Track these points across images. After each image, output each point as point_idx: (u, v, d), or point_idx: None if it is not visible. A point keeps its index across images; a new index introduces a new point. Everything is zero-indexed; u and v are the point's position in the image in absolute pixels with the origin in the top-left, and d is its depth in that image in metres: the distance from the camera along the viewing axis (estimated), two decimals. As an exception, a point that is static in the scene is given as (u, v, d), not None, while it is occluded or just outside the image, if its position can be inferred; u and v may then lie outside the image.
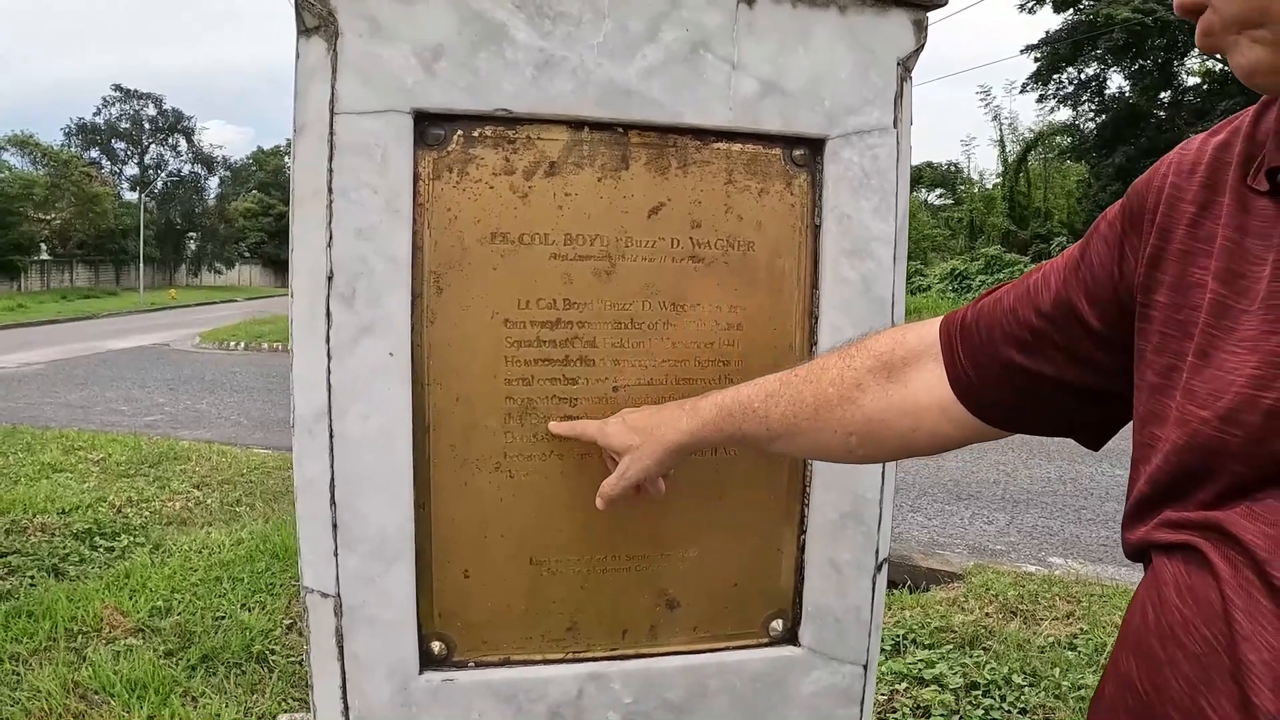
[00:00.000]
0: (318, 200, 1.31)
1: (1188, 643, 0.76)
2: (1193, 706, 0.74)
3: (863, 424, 1.13)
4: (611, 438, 1.35)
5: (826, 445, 1.18)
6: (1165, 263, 0.86)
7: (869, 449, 1.16)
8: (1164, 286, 0.85)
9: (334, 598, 1.36)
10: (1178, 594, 0.78)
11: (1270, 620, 0.69)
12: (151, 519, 5.41)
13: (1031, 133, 29.35)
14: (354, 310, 1.32)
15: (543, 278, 1.38)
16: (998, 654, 3.67)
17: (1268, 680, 0.68)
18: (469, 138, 1.35)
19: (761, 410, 1.20)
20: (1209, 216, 0.83)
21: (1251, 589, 0.71)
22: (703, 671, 1.52)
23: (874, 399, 1.12)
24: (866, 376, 1.13)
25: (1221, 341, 0.77)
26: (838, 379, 1.15)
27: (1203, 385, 0.77)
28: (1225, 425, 0.74)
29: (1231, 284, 0.78)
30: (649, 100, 1.38)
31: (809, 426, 1.17)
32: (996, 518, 6.62)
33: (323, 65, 1.30)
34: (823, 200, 1.46)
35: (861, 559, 1.55)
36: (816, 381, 1.17)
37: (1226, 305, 0.78)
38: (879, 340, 1.16)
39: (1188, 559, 0.78)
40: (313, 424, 1.33)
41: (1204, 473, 0.77)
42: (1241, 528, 0.73)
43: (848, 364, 1.15)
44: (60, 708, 3.13)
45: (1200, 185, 0.85)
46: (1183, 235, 0.85)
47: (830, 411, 1.15)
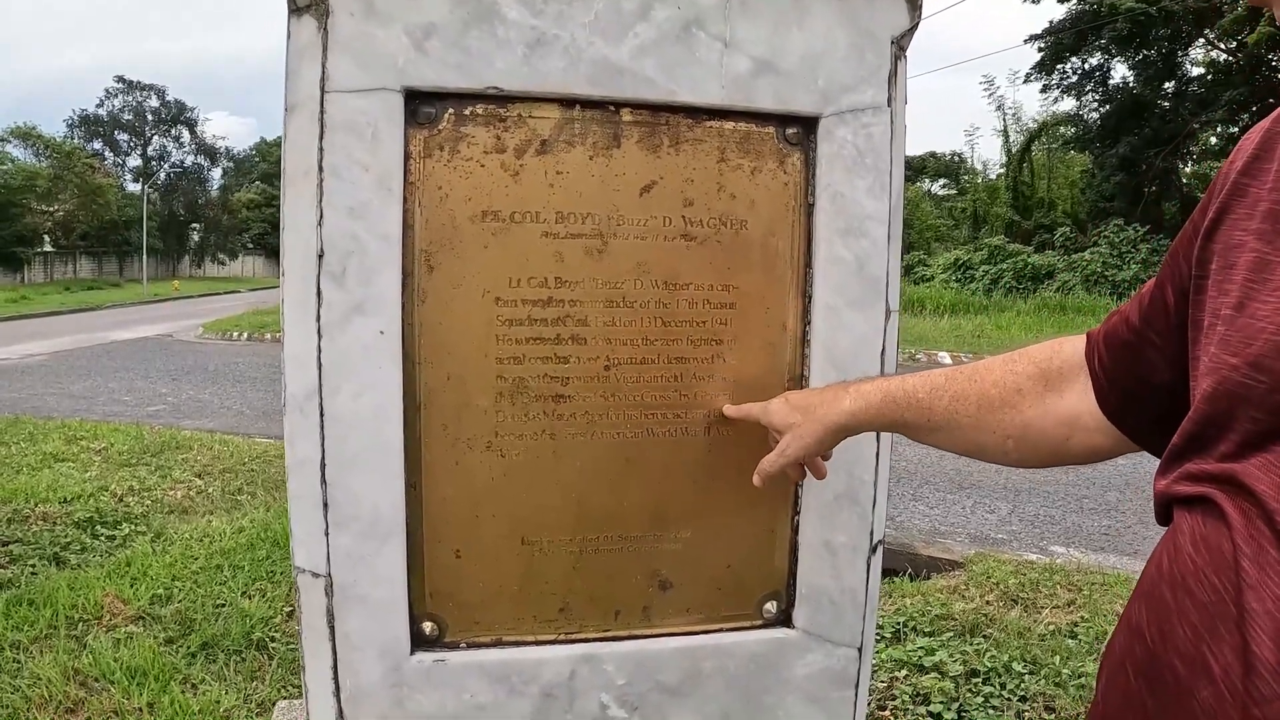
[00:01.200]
0: (309, 179, 1.31)
1: (1197, 591, 0.76)
2: (1195, 654, 0.74)
3: (1021, 429, 1.15)
4: (774, 415, 1.36)
5: (983, 444, 1.19)
6: (1218, 232, 0.87)
7: (1024, 453, 1.17)
8: (1216, 255, 0.86)
9: (325, 577, 1.36)
10: (1192, 544, 0.78)
11: (1277, 570, 0.69)
12: (153, 508, 5.41)
13: (1035, 123, 29.23)
14: (345, 289, 1.32)
15: (534, 256, 1.38)
16: (998, 642, 3.67)
17: (1268, 629, 0.68)
18: (460, 116, 1.35)
19: (926, 401, 1.21)
20: (1256, 183, 0.84)
21: (1262, 539, 0.71)
22: (696, 653, 1.51)
23: (1033, 406, 1.14)
24: (1027, 383, 1.15)
25: (1257, 292, 0.78)
26: (1000, 381, 1.17)
27: (1235, 334, 0.78)
28: (1253, 371, 0.74)
29: (1272, 241, 0.78)
30: (641, 78, 1.37)
31: (969, 424, 1.18)
32: (999, 506, 6.61)
33: (314, 44, 1.29)
34: (816, 179, 1.45)
35: (856, 540, 1.55)
36: (980, 381, 1.19)
37: (1266, 260, 0.78)
38: (1040, 349, 1.18)
39: (1205, 510, 0.78)
40: (304, 403, 1.33)
41: (1226, 421, 0.78)
42: (1256, 478, 0.73)
43: (1010, 368, 1.17)
44: (60, 695, 3.13)
45: (1251, 156, 0.86)
46: (1235, 205, 0.86)
47: (992, 413, 1.17)
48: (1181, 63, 23.53)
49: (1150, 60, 23.23)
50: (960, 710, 3.18)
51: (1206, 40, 21.94)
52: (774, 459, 1.35)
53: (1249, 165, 0.86)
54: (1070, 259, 22.27)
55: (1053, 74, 25.61)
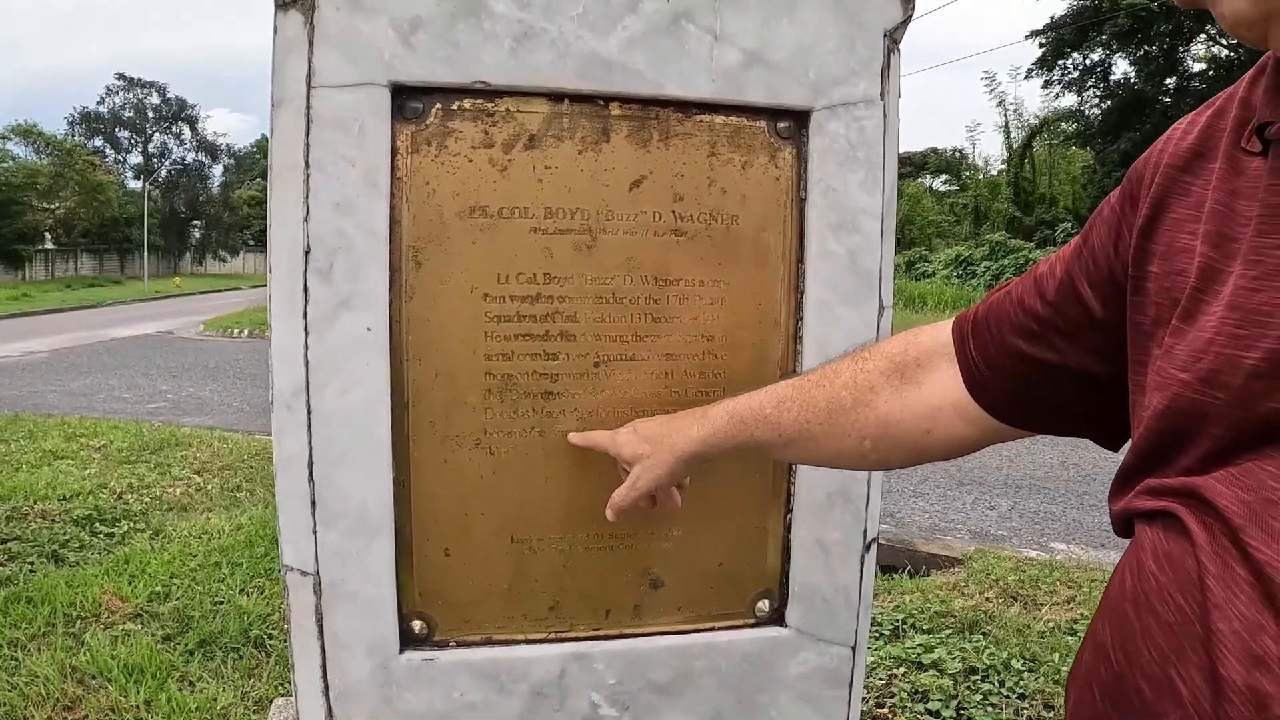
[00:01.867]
0: (295, 174, 1.30)
1: (1161, 610, 0.73)
2: (1162, 676, 0.71)
3: (877, 426, 1.11)
4: (622, 447, 1.33)
5: (840, 449, 1.16)
6: (1157, 232, 0.84)
7: (883, 452, 1.14)
8: (1155, 256, 0.83)
9: (313, 575, 1.35)
10: (1155, 561, 0.76)
11: (1243, 589, 0.67)
12: (152, 505, 5.41)
13: (1036, 119, 29.25)
14: (332, 285, 1.31)
15: (523, 252, 1.37)
16: (997, 639, 3.66)
17: (1236, 650, 0.66)
18: (447, 110, 1.33)
19: (774, 416, 1.18)
20: (1199, 183, 0.81)
21: (1227, 556, 0.69)
22: (688, 652, 1.50)
23: (887, 400, 1.11)
24: (879, 379, 1.12)
25: (1206, 303, 0.75)
26: (850, 382, 1.13)
27: (1184, 347, 0.75)
28: (1206, 387, 0.72)
29: (1221, 247, 0.76)
30: (630, 72, 1.36)
31: (822, 431, 1.15)
32: (999, 503, 6.60)
33: (299, 39, 1.28)
34: (808, 173, 1.44)
35: (849, 539, 1.54)
36: (829, 385, 1.15)
37: (1215, 268, 0.75)
38: (892, 343, 1.15)
39: (1167, 526, 0.76)
40: (291, 399, 1.32)
41: (1184, 437, 0.75)
42: (1218, 493, 0.71)
43: (860, 366, 1.14)
44: (58, 692, 3.13)
45: (1192, 153, 0.83)
46: (1175, 204, 0.83)
47: (844, 414, 1.13)
48: (1183, 58, 23.53)
49: (1152, 56, 23.23)
50: (959, 708, 3.18)
51: (1208, 36, 21.92)
52: (625, 493, 1.32)
53: (1189, 162, 0.83)
54: (1072, 254, 22.21)
55: (1054, 70, 25.61)
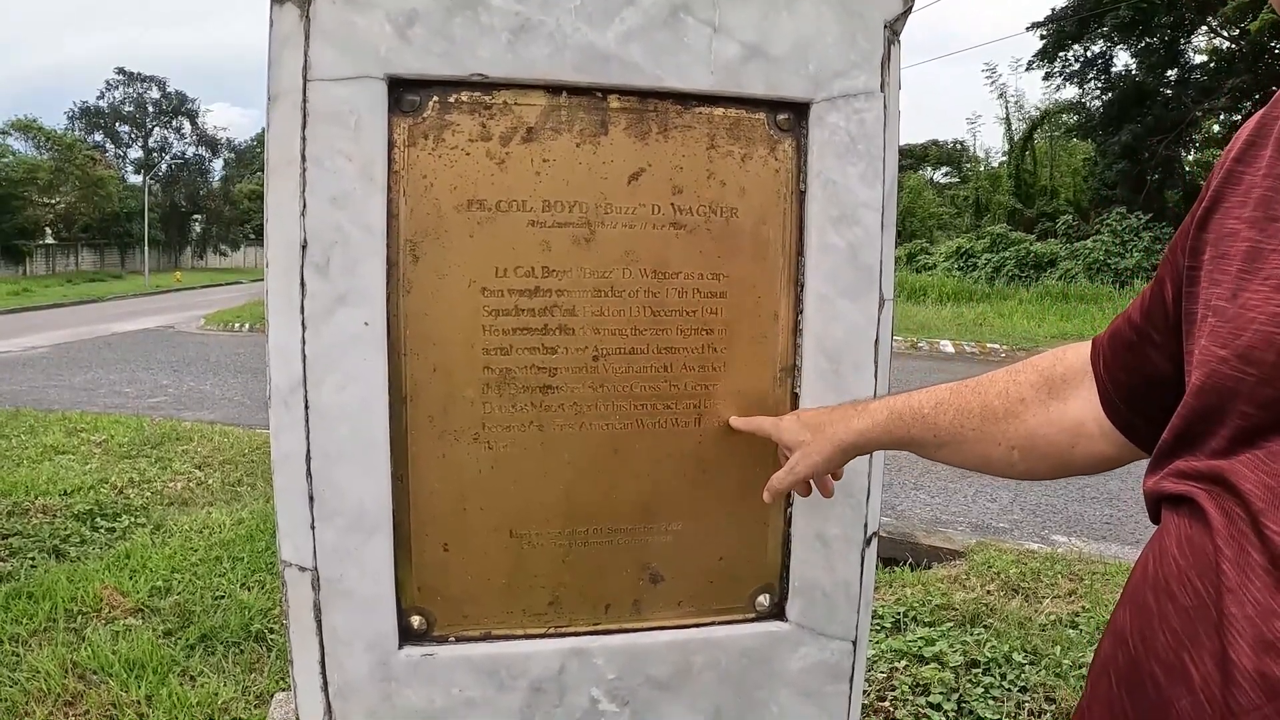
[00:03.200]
0: (291, 169, 1.29)
1: (1179, 595, 0.73)
2: (1176, 661, 0.72)
3: (1025, 438, 1.14)
4: (784, 433, 1.36)
5: (989, 456, 1.18)
6: (1211, 222, 0.85)
7: (1030, 463, 1.16)
8: (1209, 244, 0.84)
9: (311, 571, 1.34)
10: (1177, 545, 0.76)
11: (1258, 573, 0.67)
12: (153, 499, 5.41)
13: (1037, 111, 29.15)
14: (329, 279, 1.30)
15: (521, 245, 1.36)
16: (999, 632, 3.65)
17: (1248, 635, 0.66)
18: (445, 104, 1.33)
19: (931, 417, 1.21)
20: (1250, 170, 0.82)
21: (1244, 541, 0.69)
22: (688, 647, 1.50)
23: (1036, 414, 1.13)
24: (1030, 392, 1.14)
25: (1249, 282, 0.75)
26: (1003, 392, 1.16)
27: (1225, 325, 0.76)
28: (1242, 364, 0.72)
29: (1265, 229, 0.76)
30: (628, 64, 1.35)
31: (974, 436, 1.17)
32: (1000, 495, 6.59)
33: (296, 32, 1.27)
34: (808, 166, 1.43)
35: (850, 533, 1.53)
36: (984, 393, 1.18)
37: (1259, 249, 0.76)
38: (1043, 358, 1.17)
39: (1192, 510, 0.76)
40: (288, 395, 1.32)
41: (1217, 416, 0.75)
42: (1242, 476, 0.71)
43: (1014, 378, 1.16)
44: (59, 688, 3.12)
45: (1247, 144, 0.84)
46: (1228, 193, 0.84)
47: (995, 424, 1.16)
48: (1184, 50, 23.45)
49: (1153, 48, 23.15)
50: (960, 701, 3.17)
51: (1209, 28, 21.86)
52: (783, 476, 1.35)
53: (1243, 152, 0.84)
54: (1073, 247, 22.21)
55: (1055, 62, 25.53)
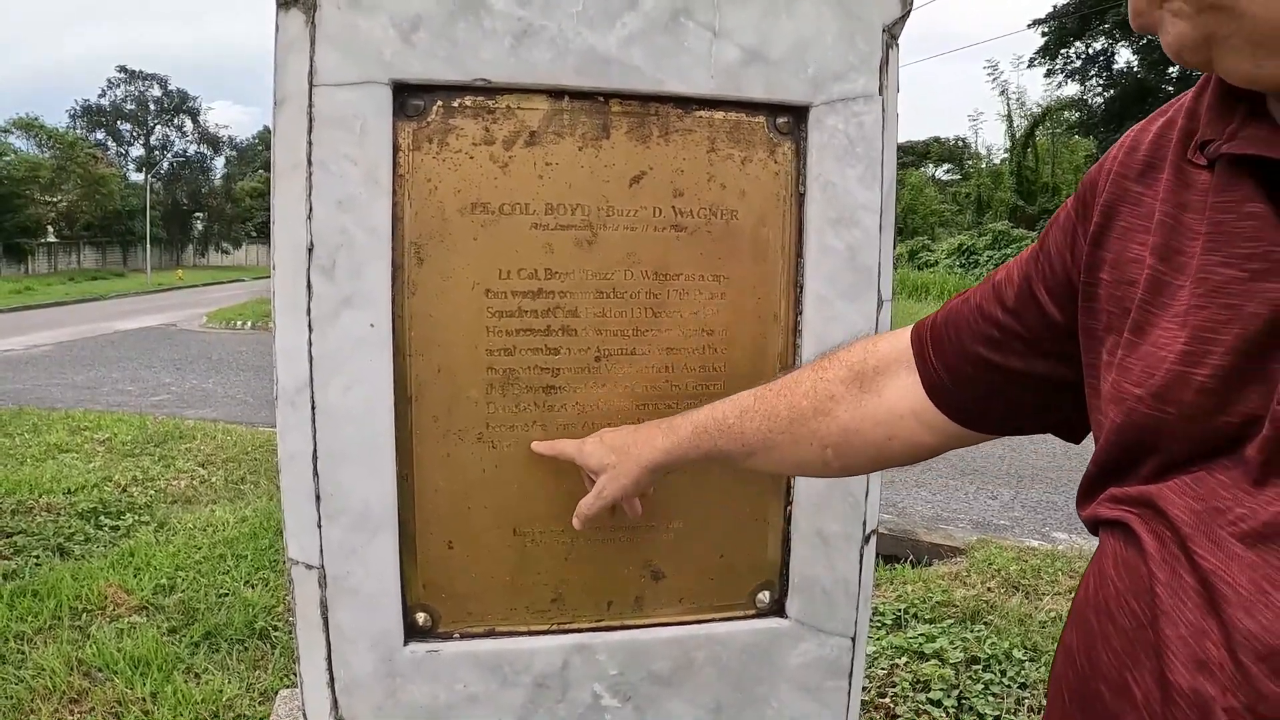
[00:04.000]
0: (297, 173, 1.31)
1: (1118, 616, 0.76)
2: (1119, 680, 0.74)
3: (838, 435, 1.13)
4: (589, 457, 1.35)
5: (802, 458, 1.17)
6: (1108, 240, 0.85)
7: (845, 460, 1.15)
8: (1106, 264, 0.85)
9: (318, 569, 1.36)
10: (1114, 568, 0.78)
11: (1190, 595, 0.69)
12: (156, 498, 5.43)
13: (1039, 108, 29.14)
14: (334, 282, 1.32)
15: (524, 248, 1.38)
16: (999, 629, 3.67)
17: (1183, 656, 0.68)
18: (448, 108, 1.34)
19: (737, 426, 1.20)
20: (1149, 193, 0.82)
21: (1176, 564, 0.71)
22: (689, 643, 1.52)
23: (848, 409, 1.12)
24: (839, 387, 1.13)
25: (1156, 317, 0.77)
26: (810, 391, 1.15)
27: (1137, 363, 0.77)
28: (1159, 403, 0.74)
29: (1169, 260, 0.77)
30: (629, 68, 1.37)
31: (784, 440, 1.16)
32: (1001, 493, 6.61)
33: (301, 38, 1.29)
34: (807, 168, 1.45)
35: (849, 530, 1.55)
36: (790, 394, 1.16)
37: (1163, 281, 0.77)
38: (851, 351, 1.16)
39: (1125, 534, 0.78)
40: (295, 396, 1.33)
41: (1142, 450, 0.77)
42: (1170, 502, 0.73)
43: (820, 375, 1.15)
44: (64, 685, 3.15)
45: (1143, 163, 0.85)
46: (1125, 213, 0.84)
47: (804, 424, 1.14)
48: (1186, 46, 23.39)
49: (1154, 45, 23.13)
50: (960, 698, 3.19)
51: (1211, 23, 21.80)
52: (591, 502, 1.33)
53: (1140, 172, 0.84)
54: (1074, 244, 22.15)
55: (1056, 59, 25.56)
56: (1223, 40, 0.69)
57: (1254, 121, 0.74)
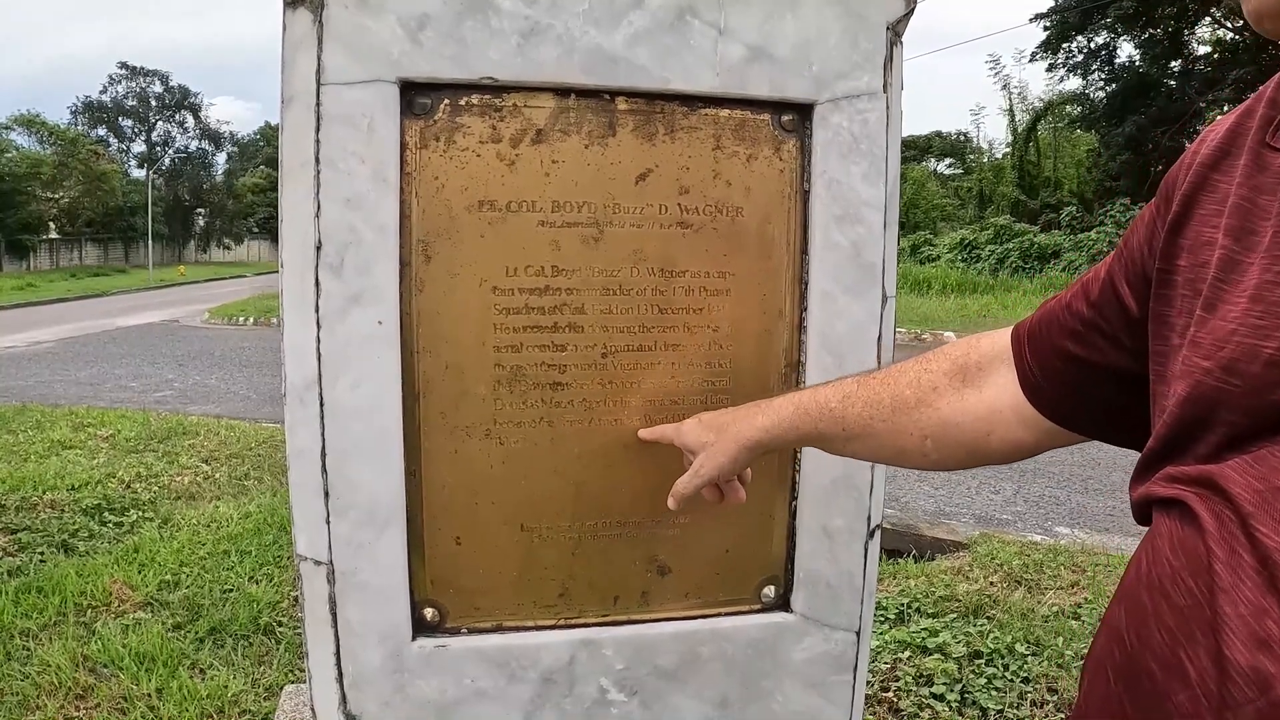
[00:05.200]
0: (305, 171, 1.31)
1: (1173, 594, 0.75)
2: (1172, 658, 0.74)
3: (938, 427, 1.13)
4: (686, 435, 1.35)
5: (901, 447, 1.18)
6: (1186, 227, 0.86)
7: (943, 453, 1.16)
8: (1184, 250, 0.85)
9: (326, 565, 1.37)
10: (1170, 547, 0.78)
11: (1249, 574, 0.69)
12: (160, 494, 5.43)
13: (1041, 102, 29.10)
14: (342, 279, 1.33)
15: (531, 245, 1.38)
16: (1001, 623, 3.68)
17: (1242, 634, 0.68)
18: (455, 106, 1.35)
19: (839, 410, 1.20)
20: (1225, 179, 0.84)
21: (1234, 543, 0.71)
22: (695, 638, 1.53)
23: (949, 402, 1.13)
24: (942, 380, 1.14)
25: (1227, 293, 0.77)
26: (914, 381, 1.15)
27: (1207, 336, 0.77)
28: (1226, 375, 0.74)
29: (1242, 239, 0.78)
30: (635, 67, 1.38)
31: (885, 428, 1.17)
32: (1004, 487, 6.62)
33: (309, 37, 1.29)
34: (812, 166, 1.46)
35: (853, 525, 1.55)
36: (894, 384, 1.17)
37: (1235, 260, 0.78)
38: (955, 346, 1.17)
39: (1183, 513, 0.78)
40: (303, 392, 1.34)
41: (1204, 424, 0.77)
42: (1231, 480, 0.73)
43: (925, 367, 1.16)
44: (69, 681, 3.15)
45: (1220, 151, 0.86)
46: (1203, 200, 0.85)
47: (906, 414, 1.15)
48: (1188, 41, 23.40)
49: (1156, 39, 23.11)
50: (963, 692, 3.20)
51: (1212, 18, 21.80)
52: (688, 480, 1.33)
53: (1216, 160, 0.86)
54: (1076, 238, 22.15)
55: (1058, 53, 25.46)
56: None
57: None
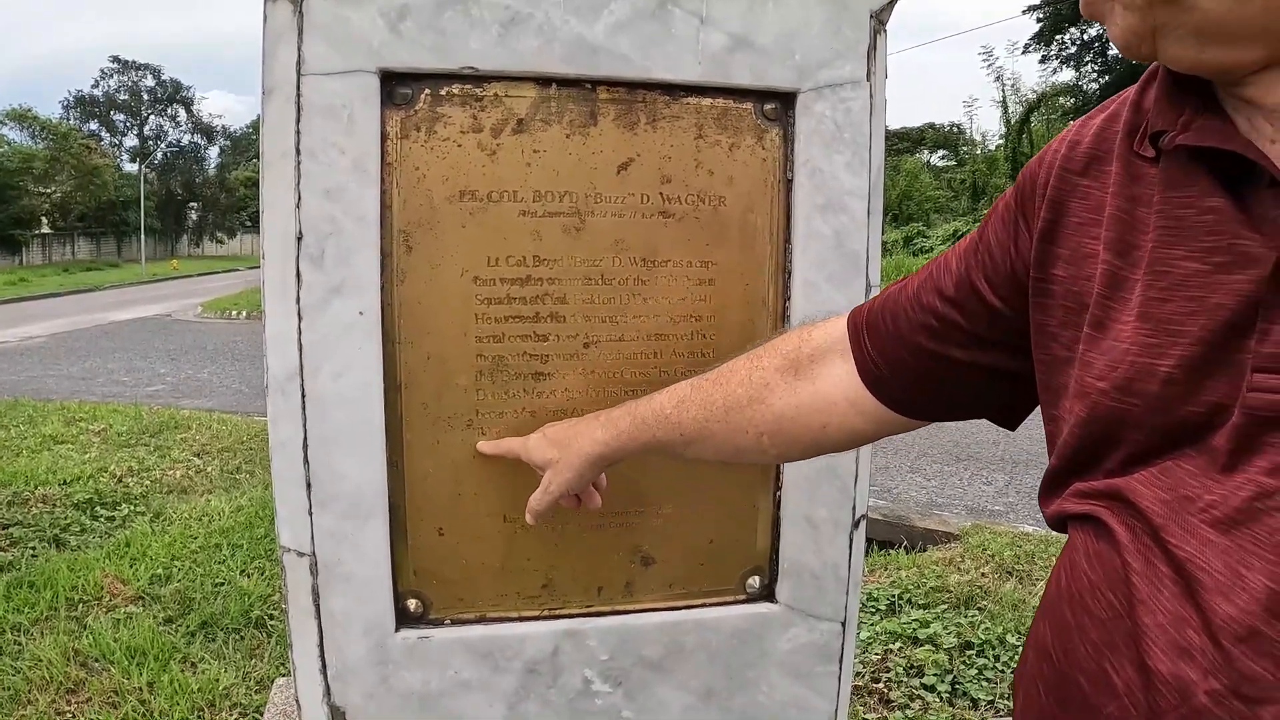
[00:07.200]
0: (286, 162, 1.31)
1: (1094, 608, 0.77)
2: (1098, 670, 0.75)
3: (772, 423, 1.13)
4: (533, 453, 1.35)
5: (739, 446, 1.18)
6: (1060, 236, 0.86)
7: (781, 448, 1.16)
8: (1060, 260, 0.85)
9: (309, 556, 1.37)
10: (1086, 560, 0.79)
11: (1166, 584, 0.71)
12: (152, 488, 5.43)
13: (1034, 94, 29.11)
14: (323, 270, 1.32)
15: (512, 235, 1.38)
16: (992, 614, 3.69)
17: (1163, 643, 0.70)
18: (436, 96, 1.35)
19: (674, 416, 1.20)
20: (1096, 186, 0.83)
21: (1149, 554, 0.73)
22: (679, 628, 1.53)
23: (781, 397, 1.12)
24: (774, 375, 1.14)
25: (1116, 312, 0.78)
26: (746, 379, 1.16)
27: (1099, 357, 0.78)
28: (1123, 395, 0.75)
29: (1124, 255, 0.78)
30: (617, 56, 1.37)
31: (720, 429, 1.17)
32: (995, 478, 6.63)
33: (289, 28, 1.29)
34: (794, 154, 1.45)
35: (838, 515, 1.55)
36: (726, 383, 1.17)
37: (1120, 276, 0.78)
38: (786, 339, 1.17)
39: (1096, 527, 0.79)
40: (285, 384, 1.34)
41: (1107, 443, 0.78)
42: (1140, 494, 0.74)
43: (756, 364, 1.16)
44: (61, 676, 3.15)
45: (1087, 156, 0.85)
46: (1075, 207, 0.85)
47: (740, 412, 1.15)
48: (1181, 32, 23.37)
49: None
50: (954, 682, 3.21)
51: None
52: (540, 497, 1.34)
53: (1085, 165, 0.85)
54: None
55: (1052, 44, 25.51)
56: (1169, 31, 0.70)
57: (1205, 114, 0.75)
